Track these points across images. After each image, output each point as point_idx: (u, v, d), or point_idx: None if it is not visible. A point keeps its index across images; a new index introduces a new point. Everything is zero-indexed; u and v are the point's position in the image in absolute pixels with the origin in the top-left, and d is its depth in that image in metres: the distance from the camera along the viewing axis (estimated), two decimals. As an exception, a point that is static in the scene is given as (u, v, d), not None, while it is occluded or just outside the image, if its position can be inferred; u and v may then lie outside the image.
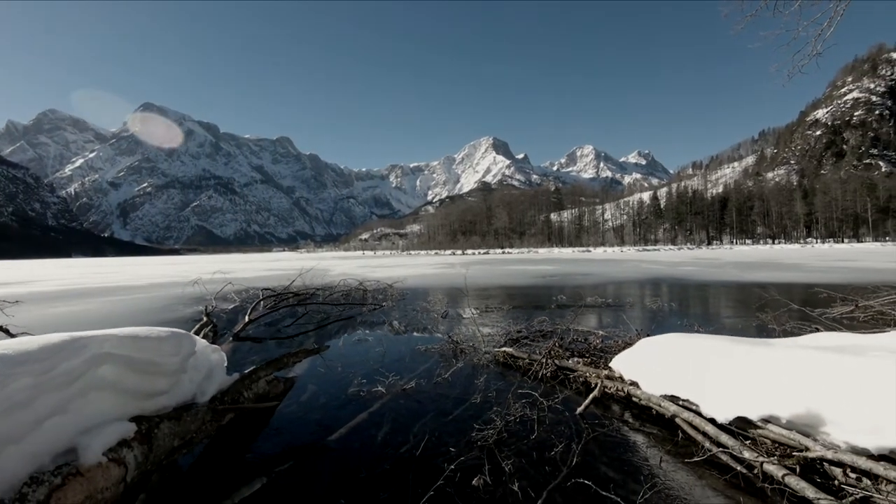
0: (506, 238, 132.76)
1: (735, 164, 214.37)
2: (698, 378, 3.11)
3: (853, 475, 2.21)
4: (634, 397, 3.57)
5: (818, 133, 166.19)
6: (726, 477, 2.49)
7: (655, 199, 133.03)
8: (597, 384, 3.83)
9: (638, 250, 78.96)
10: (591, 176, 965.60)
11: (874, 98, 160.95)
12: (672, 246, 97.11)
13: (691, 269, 21.43)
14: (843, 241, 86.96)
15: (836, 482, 2.27)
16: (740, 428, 2.74)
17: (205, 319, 5.59)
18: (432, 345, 5.95)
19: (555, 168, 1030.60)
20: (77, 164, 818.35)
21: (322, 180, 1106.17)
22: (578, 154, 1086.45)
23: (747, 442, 2.65)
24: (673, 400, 3.21)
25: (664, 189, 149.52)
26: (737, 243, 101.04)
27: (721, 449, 2.64)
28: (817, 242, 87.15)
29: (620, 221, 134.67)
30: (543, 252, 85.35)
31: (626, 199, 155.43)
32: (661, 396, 3.29)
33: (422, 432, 3.18)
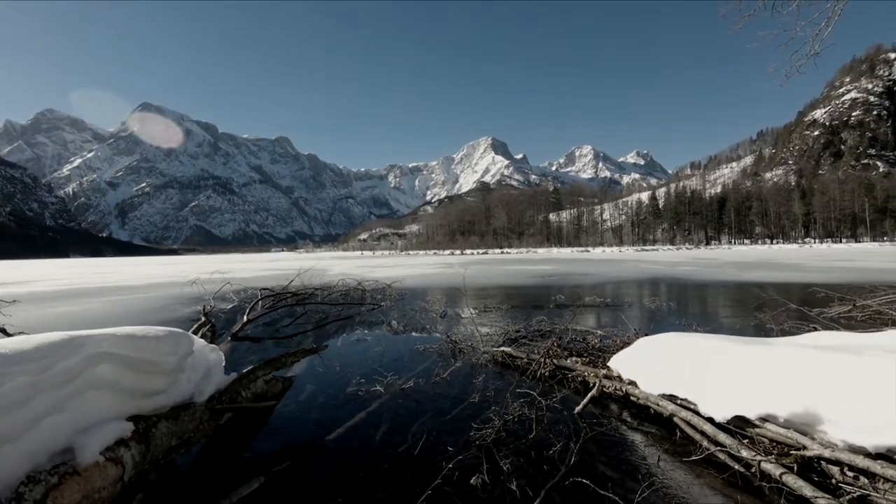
0: (504, 238, 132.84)
1: (733, 165, 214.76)
2: (696, 377, 3.11)
3: (850, 474, 2.21)
4: (632, 396, 3.58)
5: (816, 133, 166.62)
6: (724, 476, 2.49)
7: (654, 200, 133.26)
8: (595, 383, 3.83)
9: (636, 250, 79.05)
10: (590, 176, 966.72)
11: (872, 98, 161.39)
12: (670, 246, 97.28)
13: (690, 269, 21.46)
14: (841, 241, 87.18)
15: (834, 481, 2.27)
16: (738, 427, 2.74)
17: (203, 319, 5.58)
18: (431, 344, 5.95)
19: (553, 168, 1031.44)
20: (75, 164, 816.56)
21: (321, 180, 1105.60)
22: (577, 154, 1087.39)
23: (745, 441, 2.65)
24: (671, 399, 3.21)
25: (663, 189, 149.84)
26: (735, 243, 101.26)
27: (719, 448, 2.65)
28: (815, 242, 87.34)
29: (619, 221, 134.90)
30: (542, 252, 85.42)
31: (625, 200, 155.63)
32: (659, 396, 3.30)
33: (420, 432, 3.18)
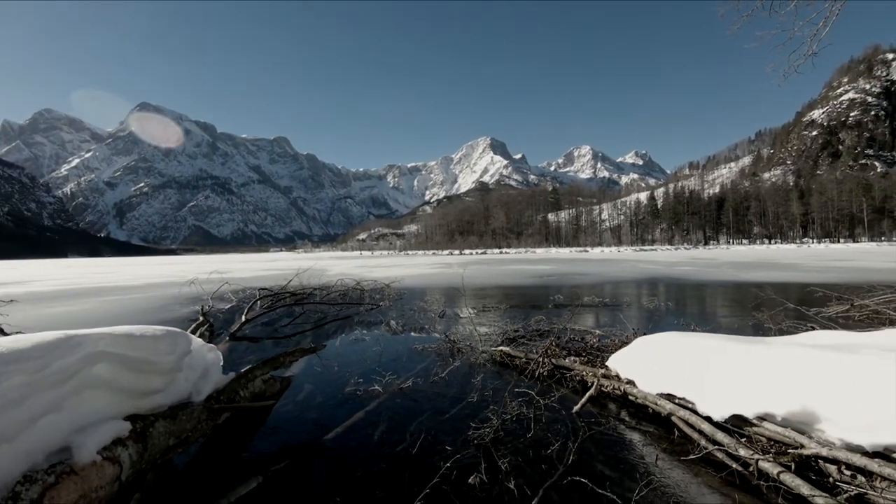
0: (503, 238, 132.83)
1: (732, 165, 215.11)
2: (694, 376, 3.12)
3: (848, 472, 2.21)
4: (631, 396, 3.58)
5: (814, 133, 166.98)
6: (722, 474, 2.50)
7: (652, 200, 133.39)
8: (593, 383, 3.84)
9: (635, 250, 79.13)
10: (589, 176, 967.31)
11: (870, 99, 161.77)
12: (669, 246, 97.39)
13: (688, 269, 21.49)
14: (839, 241, 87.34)
15: (831, 479, 2.27)
16: (736, 426, 2.74)
17: (201, 319, 5.58)
18: (429, 344, 5.95)
19: (552, 168, 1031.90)
20: (73, 164, 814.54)
21: (319, 180, 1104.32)
22: (576, 154, 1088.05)
23: (743, 440, 2.65)
24: (669, 398, 3.21)
25: (661, 189, 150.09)
26: (733, 243, 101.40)
27: (717, 447, 2.65)
28: (813, 242, 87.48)
29: (618, 221, 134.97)
30: (541, 252, 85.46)
31: (624, 200, 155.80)
32: (658, 395, 3.30)
33: (418, 431, 3.18)
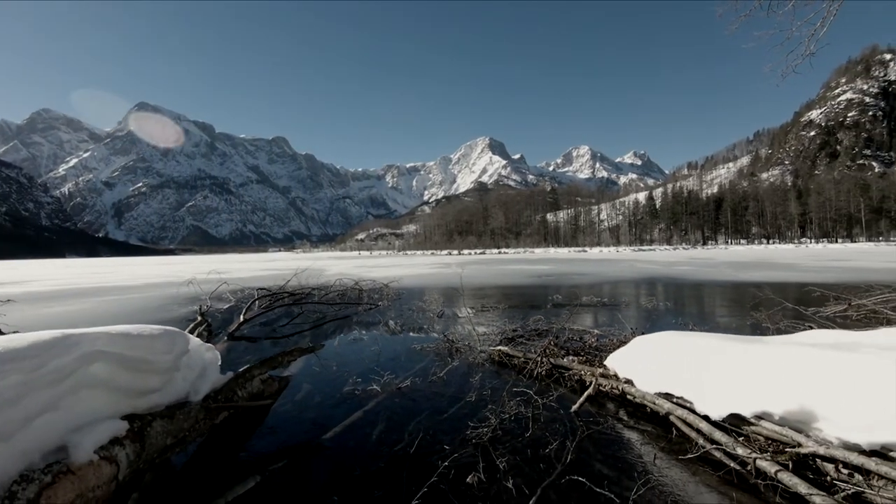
0: (502, 238, 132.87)
1: (730, 165, 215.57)
2: (692, 375, 3.12)
3: (845, 471, 2.22)
4: (629, 395, 3.58)
5: (812, 134, 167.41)
6: (720, 473, 2.50)
7: (651, 200, 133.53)
8: (591, 382, 3.84)
9: (634, 250, 79.23)
10: (587, 176, 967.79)
11: (867, 99, 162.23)
12: (667, 246, 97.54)
13: (686, 269, 21.53)
14: (837, 241, 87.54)
15: (829, 478, 2.28)
16: (734, 425, 2.75)
17: (199, 319, 5.58)
18: (428, 344, 5.94)
19: (551, 168, 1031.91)
20: (71, 164, 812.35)
21: (318, 180, 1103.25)
22: (574, 154, 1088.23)
23: (740, 439, 2.66)
24: (667, 397, 3.22)
25: (660, 189, 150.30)
26: (732, 243, 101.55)
27: (714, 446, 2.66)
28: (811, 242, 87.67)
29: (616, 222, 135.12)
30: (540, 252, 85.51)
31: (622, 200, 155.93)
32: (656, 394, 3.30)
33: (416, 430, 3.18)
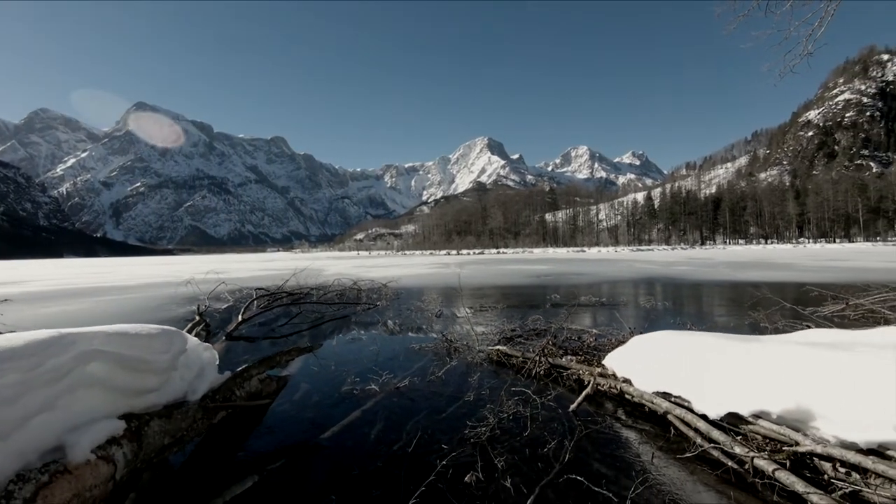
0: (501, 238, 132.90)
1: (728, 165, 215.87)
2: (690, 375, 3.12)
3: (842, 469, 2.23)
4: (627, 394, 3.58)
5: (810, 134, 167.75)
6: (717, 472, 2.51)
7: (649, 200, 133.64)
8: (590, 381, 3.84)
9: (632, 250, 79.31)
10: (586, 176, 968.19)
11: (865, 99, 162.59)
12: (666, 246, 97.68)
13: (685, 269, 21.55)
14: (835, 241, 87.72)
15: (826, 476, 2.28)
16: (731, 424, 2.75)
17: (197, 318, 5.56)
18: (426, 343, 5.94)
19: (549, 168, 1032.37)
20: (69, 164, 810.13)
21: (317, 180, 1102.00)
22: (573, 154, 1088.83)
23: (738, 437, 2.66)
24: (665, 396, 3.22)
25: (658, 189, 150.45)
26: (730, 243, 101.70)
27: (712, 444, 2.66)
28: (809, 242, 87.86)
29: (615, 222, 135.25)
30: (538, 252, 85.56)
31: (621, 200, 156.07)
32: (654, 393, 3.31)
33: (415, 430, 3.18)
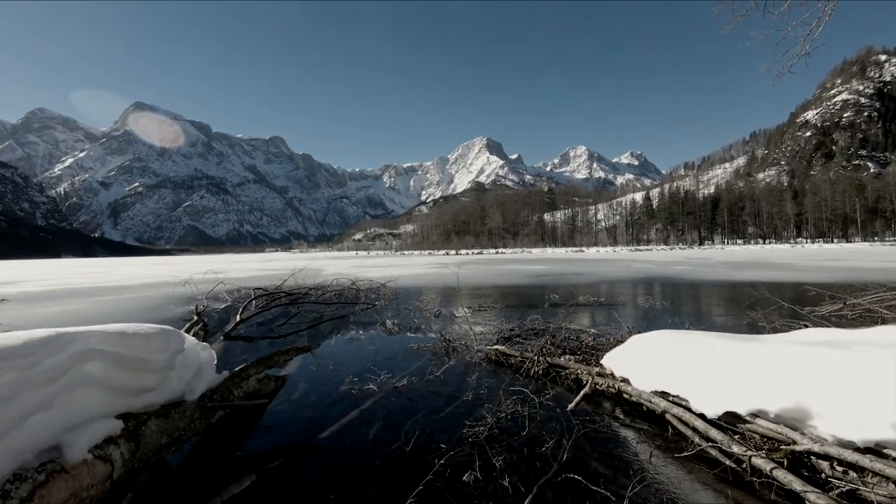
0: (499, 238, 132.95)
1: (726, 165, 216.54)
2: (688, 374, 3.13)
3: (840, 468, 2.23)
4: (625, 394, 3.59)
5: (808, 134, 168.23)
6: (715, 471, 2.51)
7: (648, 200, 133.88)
8: (588, 381, 3.84)
9: (630, 250, 79.41)
10: (585, 176, 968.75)
11: (863, 100, 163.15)
12: (664, 246, 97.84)
13: (683, 269, 21.58)
14: (833, 241, 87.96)
15: (823, 475, 2.29)
16: (729, 423, 2.76)
17: (195, 318, 5.56)
18: (425, 343, 5.94)
19: (548, 168, 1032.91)
20: (67, 164, 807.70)
21: (315, 180, 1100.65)
22: (572, 154, 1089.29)
23: (736, 436, 2.67)
24: (663, 396, 3.22)
25: (656, 190, 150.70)
26: (728, 243, 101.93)
27: (710, 444, 2.66)
28: (807, 242, 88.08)
29: (613, 222, 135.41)
30: (537, 252, 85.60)
31: (619, 200, 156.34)
32: (652, 393, 3.31)
33: (413, 429, 3.17)
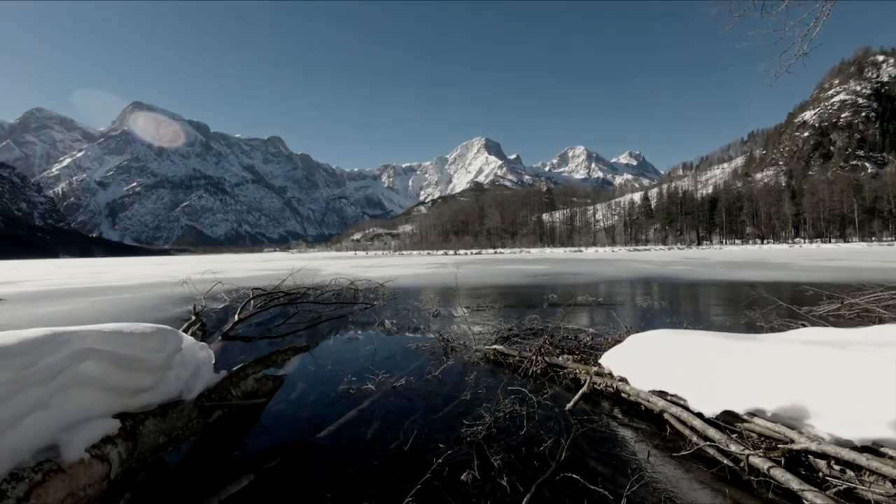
0: (498, 238, 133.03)
1: (725, 165, 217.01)
2: (686, 373, 3.13)
3: (837, 467, 2.23)
4: (623, 393, 3.59)
5: (806, 134, 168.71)
6: (713, 470, 2.51)
7: (646, 200, 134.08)
8: (586, 380, 3.84)
9: (629, 250, 79.49)
10: (583, 176, 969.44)
11: (860, 100, 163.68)
12: (662, 246, 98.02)
13: (681, 269, 21.62)
14: (831, 241, 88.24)
15: (821, 474, 2.29)
16: (727, 422, 2.76)
17: (193, 318, 5.55)
18: (423, 343, 5.94)
19: (547, 168, 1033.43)
20: (65, 164, 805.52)
21: (314, 180, 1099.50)
22: (570, 155, 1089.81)
23: (734, 436, 2.67)
24: (661, 395, 3.23)
25: (655, 190, 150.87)
26: (726, 243, 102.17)
27: (708, 443, 2.66)
28: (805, 242, 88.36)
29: (612, 222, 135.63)
30: (535, 252, 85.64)
31: (618, 200, 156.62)
32: (650, 392, 3.31)
33: (411, 429, 3.17)
